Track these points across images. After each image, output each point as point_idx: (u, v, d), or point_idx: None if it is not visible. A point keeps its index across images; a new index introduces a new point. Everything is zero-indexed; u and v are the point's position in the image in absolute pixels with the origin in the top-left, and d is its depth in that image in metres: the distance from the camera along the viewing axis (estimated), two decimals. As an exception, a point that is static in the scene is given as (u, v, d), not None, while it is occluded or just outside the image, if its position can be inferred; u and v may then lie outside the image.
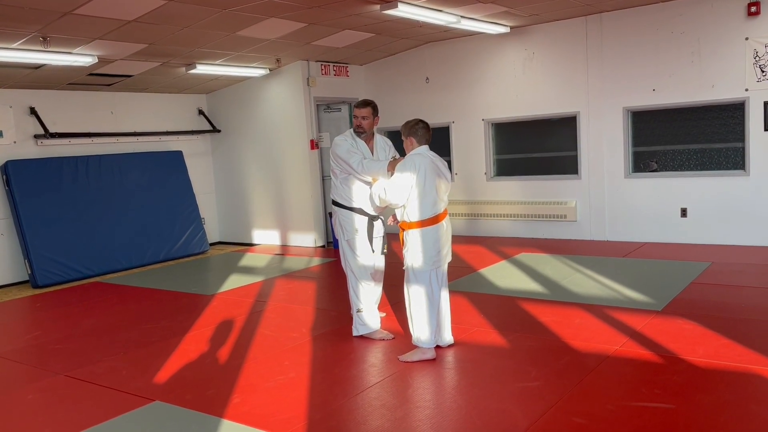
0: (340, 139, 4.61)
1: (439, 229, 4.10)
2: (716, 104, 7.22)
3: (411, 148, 4.18)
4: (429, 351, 4.10)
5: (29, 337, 5.42)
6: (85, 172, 8.21)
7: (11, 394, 4.06)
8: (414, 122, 4.20)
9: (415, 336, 4.14)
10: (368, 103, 4.61)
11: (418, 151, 4.14)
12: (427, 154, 4.14)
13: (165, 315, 5.78)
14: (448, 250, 4.21)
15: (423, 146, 4.16)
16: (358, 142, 4.58)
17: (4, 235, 7.69)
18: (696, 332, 4.33)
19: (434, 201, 4.07)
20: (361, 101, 4.64)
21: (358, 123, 4.57)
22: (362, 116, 4.56)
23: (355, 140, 4.58)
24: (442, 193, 4.14)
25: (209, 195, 10.02)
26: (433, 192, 4.06)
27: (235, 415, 3.46)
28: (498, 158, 8.95)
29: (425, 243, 4.07)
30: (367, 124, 4.57)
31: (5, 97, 7.69)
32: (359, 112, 4.57)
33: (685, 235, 7.54)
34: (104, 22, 5.83)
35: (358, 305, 4.63)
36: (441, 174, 4.14)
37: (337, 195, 4.66)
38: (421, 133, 4.16)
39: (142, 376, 4.18)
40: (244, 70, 8.58)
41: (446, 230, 4.18)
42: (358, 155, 4.47)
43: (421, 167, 4.03)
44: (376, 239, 4.65)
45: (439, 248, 4.10)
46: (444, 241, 4.15)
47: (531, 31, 8.26)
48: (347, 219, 4.61)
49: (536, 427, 3.10)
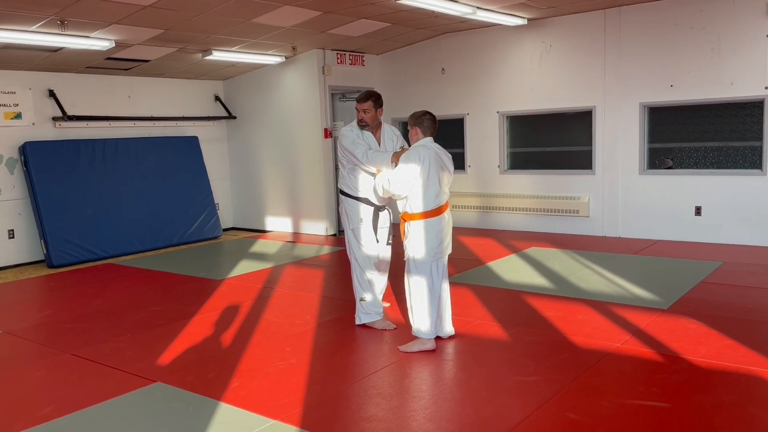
0: (347, 129, 4.62)
1: (441, 221, 4.12)
2: (734, 102, 7.11)
3: (416, 139, 4.20)
4: (429, 342, 4.12)
5: (41, 315, 5.53)
6: (102, 155, 8.32)
7: (19, 370, 4.16)
8: (421, 113, 4.21)
9: (415, 327, 4.16)
10: (369, 97, 4.57)
11: (423, 143, 4.15)
12: (431, 146, 4.15)
13: (173, 298, 5.86)
14: (449, 242, 4.22)
15: (427, 138, 4.18)
16: (365, 133, 4.59)
17: (22, 215, 7.84)
18: (700, 332, 4.29)
19: (437, 193, 4.08)
20: (362, 94, 4.61)
21: (360, 117, 4.57)
22: (363, 110, 4.55)
23: (361, 130, 4.59)
24: (444, 185, 4.15)
25: (224, 181, 10.10)
26: (436, 184, 4.07)
27: (233, 398, 3.51)
28: (512, 151, 8.90)
29: (427, 234, 4.08)
30: (369, 118, 4.56)
31: (24, 79, 7.80)
32: (360, 105, 4.56)
33: (698, 233, 7.45)
34: (120, 6, 5.88)
35: (362, 294, 4.66)
36: (444, 166, 4.15)
37: (344, 184, 4.68)
38: (426, 125, 4.17)
39: (146, 357, 4.25)
40: (260, 58, 8.61)
41: (448, 222, 4.19)
42: (363, 146, 4.47)
43: (425, 159, 4.04)
44: (381, 230, 4.66)
45: (441, 240, 4.11)
46: (446, 233, 4.16)
47: (548, 23, 8.18)
48: (353, 208, 4.63)
49: (529, 421, 3.11)
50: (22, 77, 7.77)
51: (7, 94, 7.65)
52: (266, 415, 3.28)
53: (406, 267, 4.20)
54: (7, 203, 7.74)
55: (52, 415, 3.40)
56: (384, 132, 4.68)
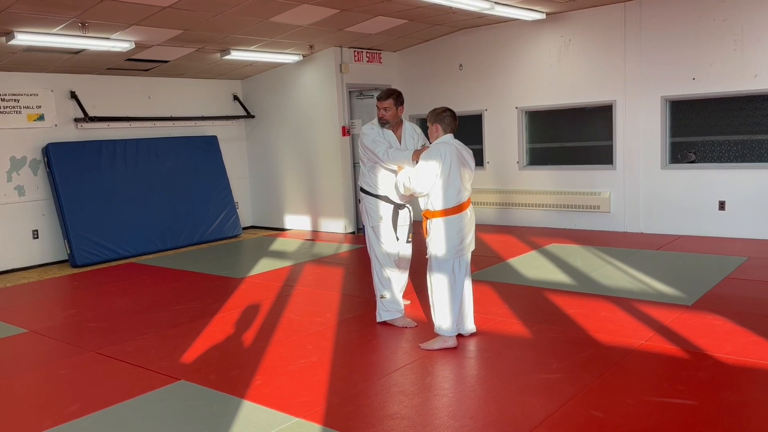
0: (368, 127, 4.61)
1: (462, 218, 4.10)
2: (759, 94, 6.98)
3: (436, 135, 4.18)
4: (450, 339, 4.11)
5: (65, 314, 5.61)
6: (123, 155, 8.40)
7: (45, 369, 4.22)
8: (441, 110, 4.19)
9: (437, 324, 4.15)
10: (390, 94, 4.56)
11: (444, 140, 4.13)
12: (452, 142, 4.13)
13: (195, 296, 5.91)
14: (471, 238, 4.20)
15: (448, 134, 4.16)
16: (385, 131, 4.58)
17: (46, 215, 7.95)
18: (726, 328, 4.23)
19: (458, 190, 4.06)
20: (383, 92, 4.60)
21: (381, 114, 4.56)
22: (384, 107, 4.53)
23: (382, 128, 4.58)
24: (465, 182, 4.13)
25: (243, 180, 10.16)
26: (457, 181, 4.05)
27: (256, 396, 3.53)
28: (531, 147, 8.84)
29: (448, 232, 4.06)
30: (390, 115, 4.55)
31: (46, 81, 7.91)
32: (381, 103, 4.55)
33: (722, 228, 7.34)
34: (140, 8, 5.93)
35: (382, 291, 4.66)
36: (465, 163, 4.13)
37: (364, 182, 4.68)
38: (447, 121, 4.15)
39: (169, 355, 4.29)
40: (277, 57, 8.64)
41: (470, 219, 4.17)
42: (384, 144, 4.46)
43: (446, 156, 4.02)
44: (401, 227, 4.65)
45: (462, 237, 4.09)
46: (468, 230, 4.14)
47: (567, 17, 8.10)
48: (373, 206, 4.63)
49: (553, 419, 3.09)
50: (44, 79, 7.88)
51: (30, 96, 7.76)
52: (289, 412, 3.30)
53: (428, 264, 4.18)
54: (31, 204, 7.85)
55: (77, 413, 3.44)
56: (405, 130, 4.67)
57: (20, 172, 7.75)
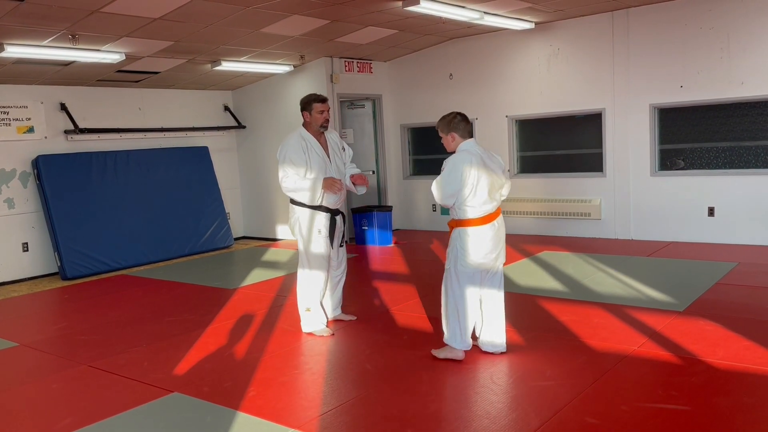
0: (290, 138, 4.69)
1: (488, 230, 3.90)
2: (746, 101, 7.07)
3: (454, 144, 3.94)
4: (458, 352, 4.01)
5: (56, 327, 5.56)
6: (114, 167, 8.37)
7: (37, 383, 4.18)
8: (452, 116, 3.94)
9: (446, 335, 4.05)
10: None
11: (465, 148, 3.89)
12: (475, 150, 3.88)
13: (188, 308, 5.88)
14: (501, 251, 4.02)
15: (469, 140, 3.93)
16: (310, 143, 4.60)
17: (36, 228, 7.90)
18: (717, 334, 4.26)
19: (483, 200, 3.84)
20: (321, 95, 4.68)
21: (326, 117, 4.63)
22: (328, 109, 4.63)
23: (306, 141, 4.60)
24: (493, 191, 3.90)
25: (234, 190, 10.14)
26: (483, 192, 3.83)
27: (250, 407, 3.51)
28: (521, 155, 8.89)
29: (472, 244, 3.88)
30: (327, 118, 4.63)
31: (36, 93, 7.88)
32: (324, 105, 4.61)
33: (712, 234, 7.40)
34: (130, 19, 5.93)
35: (307, 304, 4.71)
36: (492, 170, 3.89)
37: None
38: (462, 126, 3.92)
39: (162, 367, 4.27)
40: (268, 67, 8.66)
41: (498, 230, 3.97)
42: (292, 170, 4.55)
43: (468, 166, 3.79)
44: (338, 236, 4.76)
45: (488, 250, 3.91)
46: (495, 243, 3.95)
47: (556, 26, 8.18)
48: (307, 219, 4.67)
49: (548, 426, 3.09)
50: (34, 91, 7.85)
51: (19, 109, 7.73)
52: (284, 423, 3.28)
53: (445, 274, 4.03)
54: (21, 216, 7.81)
55: (70, 427, 3.41)
56: (330, 140, 4.72)
57: (10, 184, 7.71)
